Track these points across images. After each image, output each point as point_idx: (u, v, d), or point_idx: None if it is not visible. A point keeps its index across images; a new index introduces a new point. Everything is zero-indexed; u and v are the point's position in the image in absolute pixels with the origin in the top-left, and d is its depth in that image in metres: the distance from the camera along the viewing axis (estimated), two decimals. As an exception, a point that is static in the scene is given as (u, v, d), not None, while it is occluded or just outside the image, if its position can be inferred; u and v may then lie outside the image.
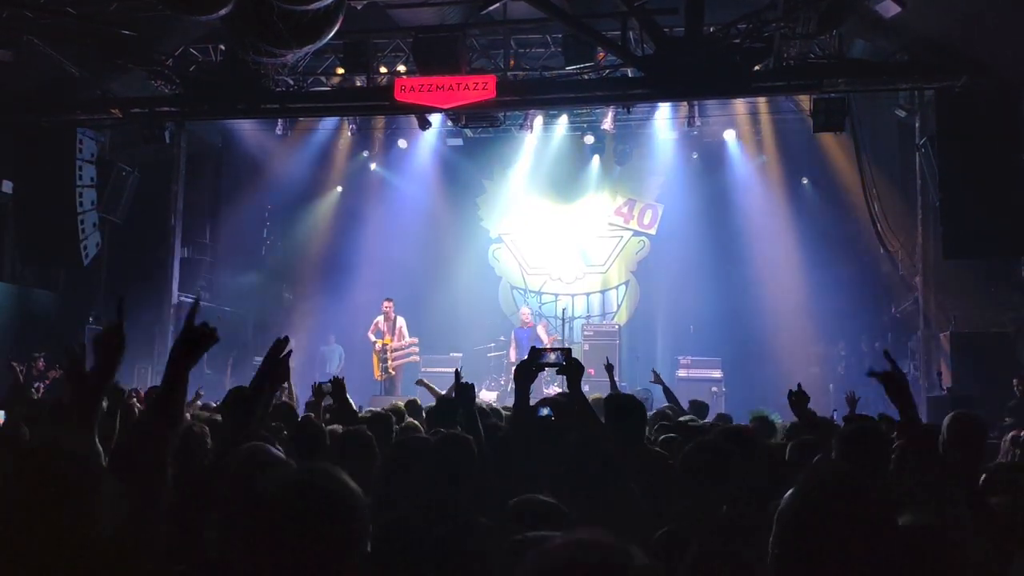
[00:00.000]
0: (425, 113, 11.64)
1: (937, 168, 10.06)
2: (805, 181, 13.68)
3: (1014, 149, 9.38)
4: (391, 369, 12.43)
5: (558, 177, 15.01)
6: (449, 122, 12.86)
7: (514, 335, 13.18)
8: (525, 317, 13.37)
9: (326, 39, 8.81)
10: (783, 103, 12.89)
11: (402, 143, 14.91)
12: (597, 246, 15.31)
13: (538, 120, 13.83)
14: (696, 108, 12.81)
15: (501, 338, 13.74)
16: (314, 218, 15.39)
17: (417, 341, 12.87)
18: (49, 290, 12.87)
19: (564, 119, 14.04)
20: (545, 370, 4.06)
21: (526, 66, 11.24)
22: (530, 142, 14.57)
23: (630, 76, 10.50)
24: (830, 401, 10.84)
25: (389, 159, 15.41)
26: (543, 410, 4.21)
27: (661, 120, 13.76)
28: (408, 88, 10.43)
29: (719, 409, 8.78)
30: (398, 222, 15.13)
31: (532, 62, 11.27)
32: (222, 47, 11.11)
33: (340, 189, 15.52)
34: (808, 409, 4.29)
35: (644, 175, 14.92)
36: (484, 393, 12.11)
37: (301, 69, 11.00)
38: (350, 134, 14.55)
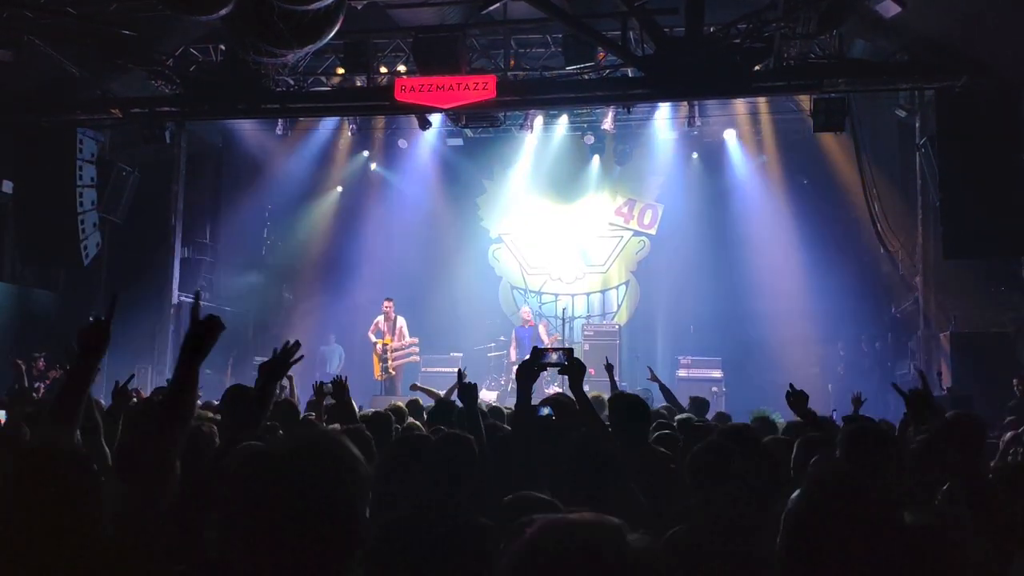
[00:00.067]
0: (425, 113, 11.65)
1: (937, 168, 10.06)
2: (805, 181, 13.67)
3: (1014, 149, 9.38)
4: (391, 369, 12.43)
5: (558, 177, 15.01)
6: (449, 122, 12.88)
7: (515, 334, 13.20)
8: (526, 316, 13.41)
9: (326, 39, 8.80)
10: (783, 103, 12.89)
11: (402, 143, 14.91)
12: (597, 246, 15.31)
13: (538, 120, 13.84)
14: (696, 108, 12.81)
15: (501, 338, 13.73)
16: (314, 218, 15.38)
17: (417, 341, 12.88)
18: (49, 290, 12.87)
19: (564, 119, 14.04)
20: (547, 370, 4.06)
21: (526, 66, 11.24)
22: (530, 142, 14.57)
23: (630, 76, 10.50)
24: (829, 401, 10.84)
25: (389, 159, 15.41)
26: (544, 409, 4.21)
27: (661, 120, 13.77)
28: (408, 88, 10.43)
29: (720, 409, 8.78)
30: (398, 222, 15.14)
31: (532, 62, 11.28)
32: (222, 47, 11.11)
33: (340, 189, 15.51)
34: (809, 409, 4.24)
35: (644, 175, 14.91)
36: (484, 393, 12.11)
37: (301, 69, 11.01)
38: (350, 134, 14.56)
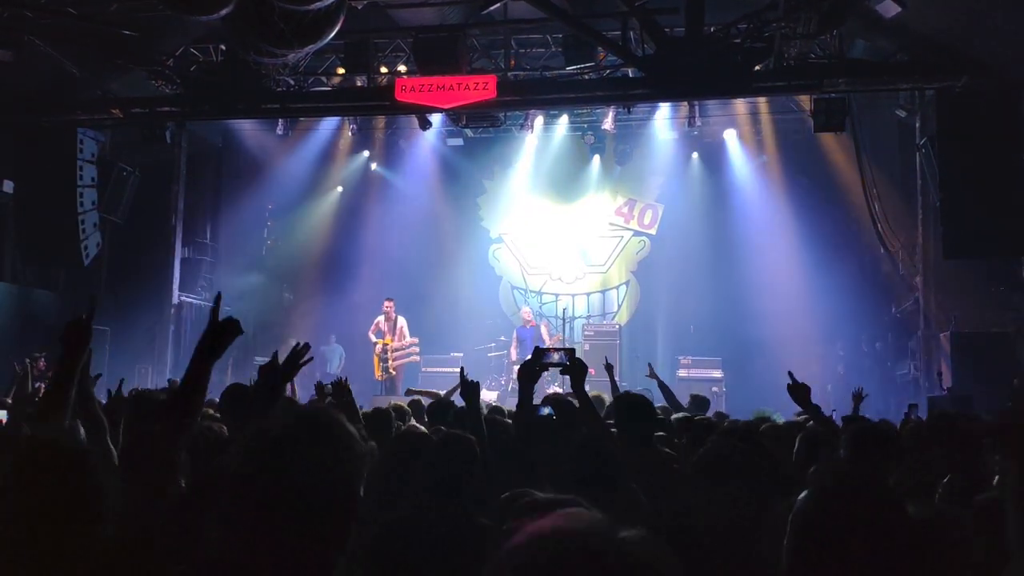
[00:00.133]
0: (426, 113, 11.65)
1: (937, 168, 10.06)
2: (805, 181, 13.67)
3: (1014, 149, 9.38)
4: (392, 369, 12.44)
5: (558, 177, 15.01)
6: (449, 122, 12.89)
7: (516, 334, 13.19)
8: (527, 316, 13.40)
9: (327, 39, 8.81)
10: (783, 103, 12.89)
11: (403, 143, 14.92)
12: (597, 246, 15.31)
13: (538, 120, 13.84)
14: (696, 108, 12.80)
15: (502, 338, 13.72)
16: (315, 218, 15.37)
17: (417, 341, 12.88)
18: (49, 290, 12.86)
19: (564, 119, 14.04)
20: (548, 370, 4.05)
21: (526, 66, 11.25)
22: (530, 142, 14.57)
23: (631, 76, 10.50)
24: (829, 401, 10.83)
25: (390, 159, 15.42)
26: (544, 409, 4.21)
27: (661, 120, 13.77)
28: (409, 88, 10.43)
29: (719, 408, 8.78)
30: (398, 222, 15.14)
31: (532, 62, 11.28)
32: (223, 47, 11.10)
33: (340, 189, 15.51)
34: (813, 404, 4.05)
35: (644, 175, 14.91)
36: (485, 393, 12.08)
37: (302, 69, 11.01)
38: (351, 134, 14.56)
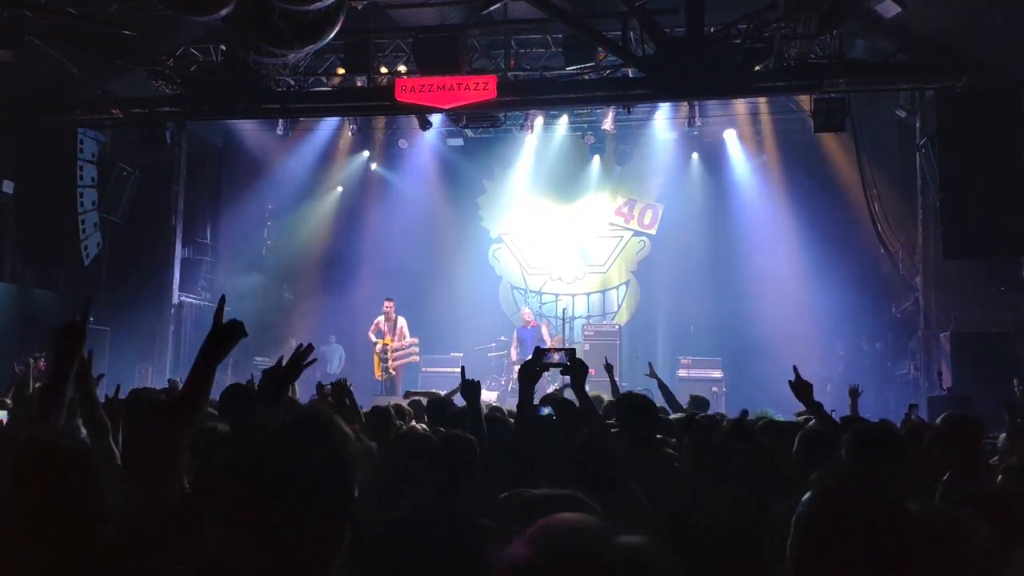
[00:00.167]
0: (426, 113, 11.65)
1: (937, 168, 10.06)
2: (805, 181, 13.66)
3: (1014, 149, 9.38)
4: (392, 369, 12.44)
5: (558, 177, 15.01)
6: (449, 122, 12.89)
7: (516, 334, 13.18)
8: (527, 317, 13.38)
9: (327, 39, 8.80)
10: (783, 103, 12.90)
11: (403, 143, 14.91)
12: (597, 246, 15.31)
13: (538, 120, 13.85)
14: (696, 108, 12.81)
15: (502, 338, 13.72)
16: (315, 218, 15.37)
17: (417, 341, 12.88)
18: (49, 290, 12.86)
19: (564, 119, 14.04)
20: (549, 370, 4.05)
21: (527, 66, 11.25)
22: (530, 142, 14.57)
23: (631, 76, 10.50)
24: (829, 401, 10.80)
25: (390, 159, 15.42)
26: (544, 409, 4.21)
27: (661, 120, 13.77)
28: (409, 88, 10.43)
29: (719, 409, 8.76)
30: (398, 222, 15.12)
31: (533, 62, 11.28)
32: (223, 47, 11.10)
33: (341, 189, 15.51)
34: (816, 402, 4.01)
35: (644, 175, 14.91)
36: (485, 393, 12.05)
37: (302, 69, 11.01)
38: (351, 134, 14.57)
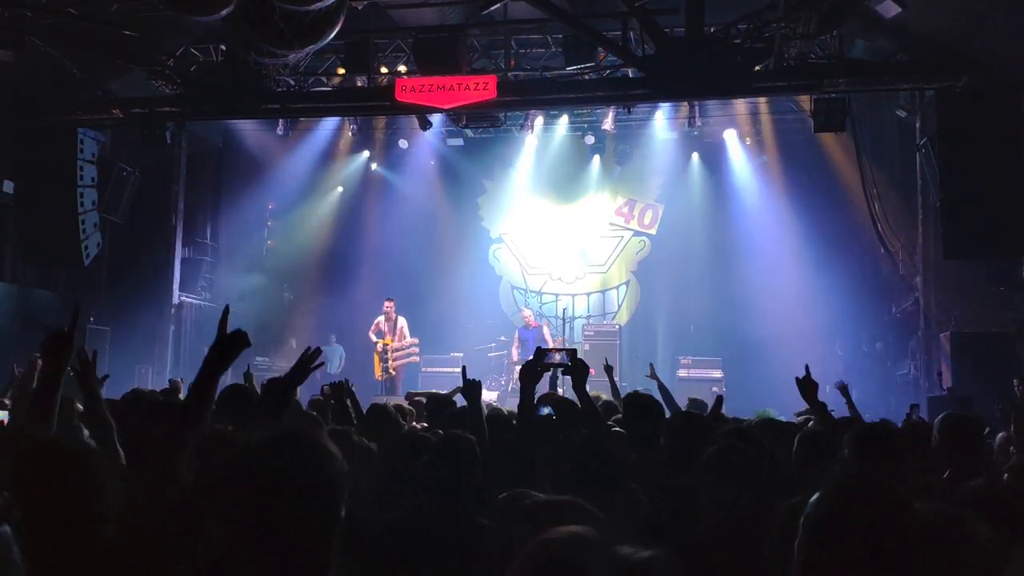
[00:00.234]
0: (426, 113, 11.65)
1: (937, 168, 10.05)
2: (805, 181, 13.66)
3: (1014, 149, 9.38)
4: (392, 369, 12.44)
5: (559, 177, 15.01)
6: (450, 122, 12.89)
7: (517, 335, 13.16)
8: (528, 318, 13.33)
9: (327, 39, 8.80)
10: (783, 103, 12.89)
11: (403, 143, 14.92)
12: (598, 246, 15.31)
13: (538, 120, 13.85)
14: (696, 108, 12.81)
15: (502, 338, 13.73)
16: (315, 218, 15.37)
17: (417, 342, 12.87)
18: (49, 290, 12.85)
19: (564, 119, 14.05)
20: (550, 370, 4.06)
21: (527, 66, 11.25)
22: (531, 142, 14.58)
23: (631, 76, 10.50)
24: (829, 402, 10.79)
25: (390, 159, 15.42)
26: (544, 409, 4.22)
27: (661, 120, 13.77)
28: (409, 88, 10.43)
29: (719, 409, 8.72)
30: (399, 222, 15.13)
31: (533, 62, 11.28)
32: (223, 47, 11.10)
33: (341, 189, 15.51)
34: (821, 402, 4.14)
35: (644, 175, 14.91)
36: (485, 393, 12.04)
37: (302, 69, 11.01)
38: (351, 134, 14.57)
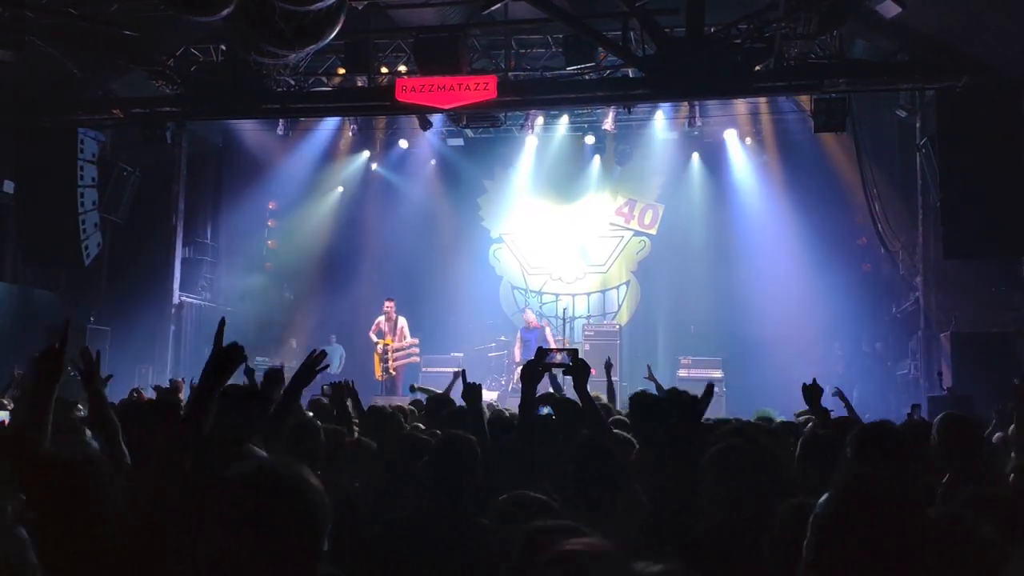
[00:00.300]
0: (426, 113, 11.66)
1: (937, 168, 10.06)
2: (805, 181, 13.65)
3: (1014, 149, 9.38)
4: (392, 369, 12.44)
5: (559, 177, 15.01)
6: (450, 122, 12.89)
7: (519, 335, 13.13)
8: (530, 318, 13.28)
9: (328, 39, 8.79)
10: (784, 103, 12.90)
11: (403, 143, 14.93)
12: (598, 246, 15.30)
13: (539, 120, 13.87)
14: (697, 108, 12.81)
15: (502, 338, 13.73)
16: (315, 218, 15.38)
17: (418, 342, 12.86)
18: (49, 290, 12.86)
19: (565, 119, 14.06)
20: (551, 370, 4.07)
21: (527, 66, 11.26)
22: (531, 142, 14.58)
23: (631, 76, 10.51)
24: (828, 406, 10.78)
25: (390, 159, 15.42)
26: (543, 409, 4.22)
27: (661, 120, 13.78)
28: (409, 88, 10.43)
29: (720, 409, 8.76)
30: (399, 222, 15.14)
31: (533, 62, 11.29)
32: (223, 47, 11.11)
33: (341, 189, 15.51)
34: (823, 407, 4.26)
35: (645, 175, 14.90)
36: (485, 393, 12.03)
37: (302, 69, 11.02)
38: (351, 134, 14.58)
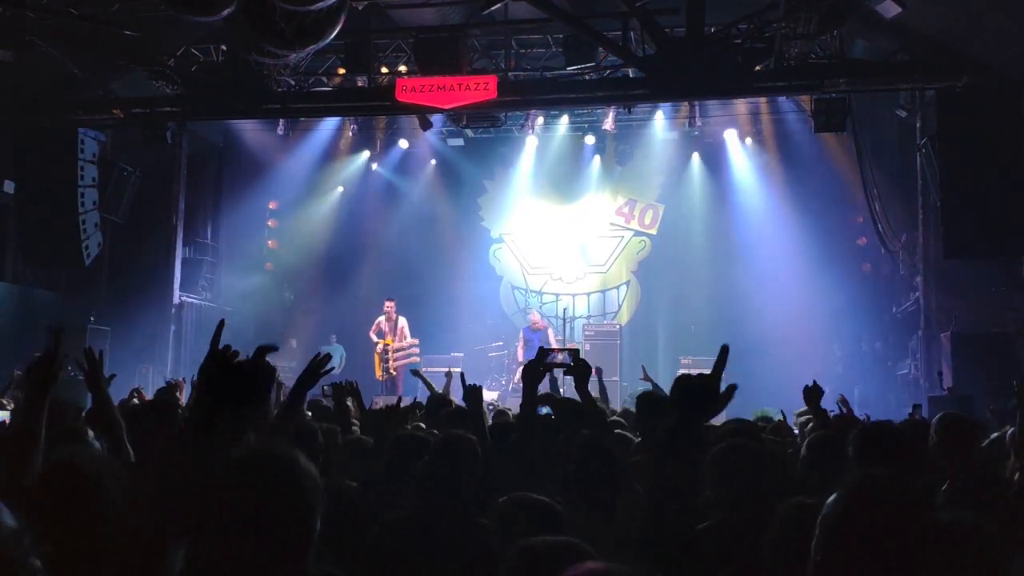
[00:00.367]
0: (426, 113, 11.66)
1: (937, 168, 10.06)
2: (805, 181, 13.65)
3: (1014, 149, 9.37)
4: (392, 369, 12.44)
5: (559, 177, 15.01)
6: (450, 122, 12.90)
7: (523, 335, 13.08)
8: (535, 319, 13.22)
9: (328, 39, 8.80)
10: (784, 103, 12.90)
11: (403, 143, 14.94)
12: (598, 246, 15.30)
13: (539, 120, 13.88)
14: (697, 108, 12.82)
15: (500, 342, 13.76)
16: (315, 218, 15.38)
17: (418, 342, 12.86)
18: (50, 290, 12.86)
19: (565, 119, 14.06)
20: (553, 370, 4.07)
21: (527, 66, 11.27)
22: (531, 142, 14.58)
23: (631, 76, 10.51)
24: (829, 407, 10.78)
25: (390, 159, 15.42)
26: (542, 409, 4.22)
27: (662, 120, 13.78)
28: (409, 88, 10.43)
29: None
30: (399, 222, 15.15)
31: (533, 62, 11.30)
32: (224, 47, 11.11)
33: (341, 189, 15.51)
34: (823, 409, 4.30)
35: (645, 175, 14.90)
36: (485, 393, 12.03)
37: (302, 69, 11.03)
38: (351, 134, 14.58)
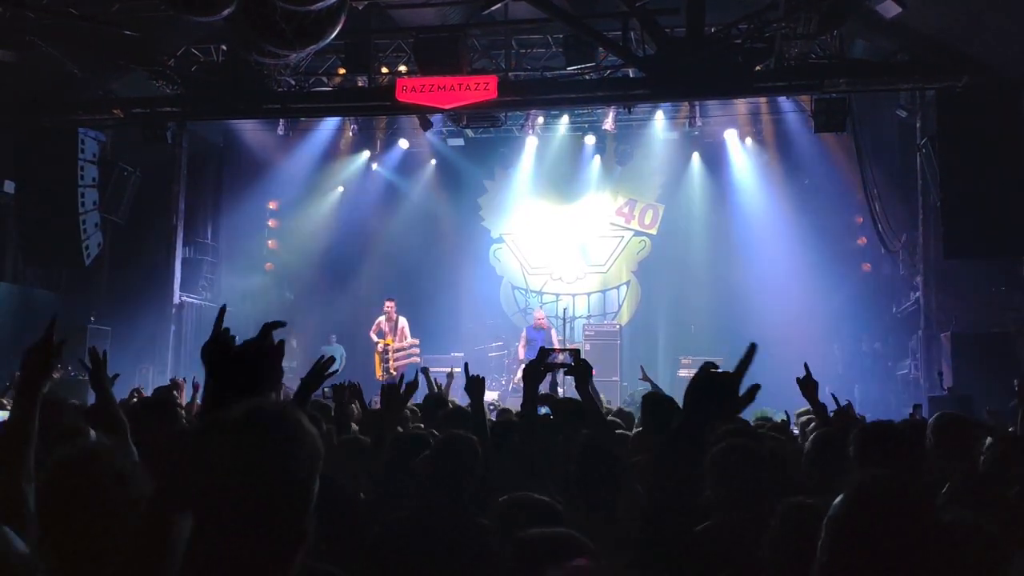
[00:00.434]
0: (426, 113, 11.65)
1: (938, 168, 10.06)
2: (806, 181, 13.66)
3: (1014, 149, 9.38)
4: (393, 369, 12.43)
5: (559, 177, 15.01)
6: (450, 122, 12.90)
7: (525, 334, 13.04)
8: (539, 318, 13.21)
9: (328, 39, 8.80)
10: (784, 103, 12.90)
11: (403, 143, 14.94)
12: (598, 246, 15.30)
13: (539, 120, 13.88)
14: (697, 108, 12.82)
15: (501, 341, 13.74)
16: (315, 218, 15.38)
17: (418, 343, 12.85)
18: (50, 290, 12.87)
19: (565, 119, 14.06)
20: (553, 370, 4.07)
21: (527, 66, 11.27)
22: (531, 142, 14.58)
23: (631, 76, 10.51)
24: (829, 404, 10.78)
25: (390, 159, 15.42)
26: (541, 409, 4.22)
27: (662, 120, 13.78)
28: (409, 88, 10.44)
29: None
30: (399, 222, 15.15)
31: (533, 62, 11.30)
32: (224, 47, 11.11)
33: (341, 189, 15.51)
34: (821, 403, 4.20)
35: (645, 175, 14.90)
36: (486, 393, 12.03)
37: (303, 69, 11.03)
38: (351, 134, 14.59)
